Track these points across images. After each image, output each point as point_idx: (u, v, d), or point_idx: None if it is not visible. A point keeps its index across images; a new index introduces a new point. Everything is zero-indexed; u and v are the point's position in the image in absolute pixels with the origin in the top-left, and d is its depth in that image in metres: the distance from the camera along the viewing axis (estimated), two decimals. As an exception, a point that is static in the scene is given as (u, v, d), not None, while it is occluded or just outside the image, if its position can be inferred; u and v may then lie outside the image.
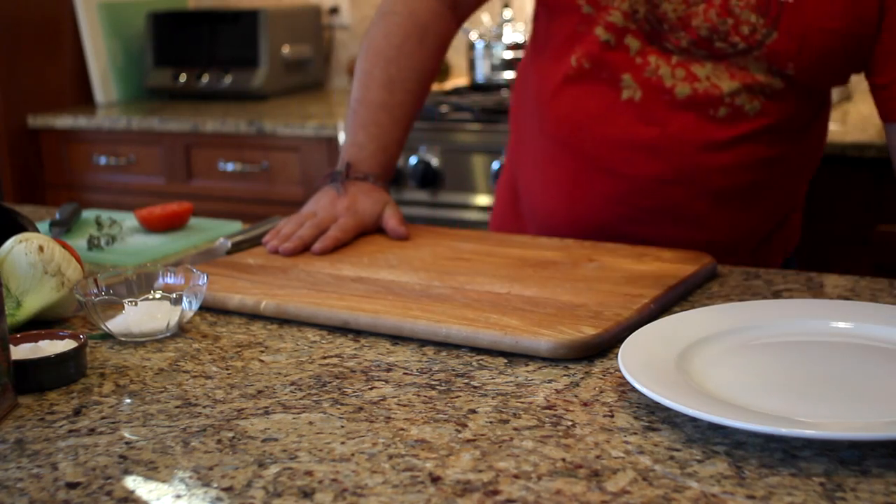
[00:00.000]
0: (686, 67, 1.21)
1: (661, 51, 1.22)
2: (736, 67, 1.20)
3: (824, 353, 0.84)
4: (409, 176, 2.40)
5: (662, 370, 0.79)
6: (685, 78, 1.21)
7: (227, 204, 2.63)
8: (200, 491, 0.67)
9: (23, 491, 0.67)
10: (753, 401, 0.74)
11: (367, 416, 0.77)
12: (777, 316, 0.91)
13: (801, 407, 0.73)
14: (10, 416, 0.79)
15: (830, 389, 0.77)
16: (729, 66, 1.20)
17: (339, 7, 3.20)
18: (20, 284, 0.97)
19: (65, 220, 1.35)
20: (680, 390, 0.75)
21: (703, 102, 1.21)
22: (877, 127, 2.09)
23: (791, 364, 0.83)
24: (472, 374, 0.85)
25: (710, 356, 0.83)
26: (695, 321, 0.89)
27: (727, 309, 0.93)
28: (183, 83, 3.02)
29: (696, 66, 1.21)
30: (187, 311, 0.97)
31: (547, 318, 0.92)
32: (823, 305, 0.95)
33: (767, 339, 0.87)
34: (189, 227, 1.38)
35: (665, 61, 1.22)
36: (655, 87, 1.22)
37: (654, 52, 1.22)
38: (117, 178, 2.84)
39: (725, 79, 1.20)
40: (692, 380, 0.78)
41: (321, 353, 0.91)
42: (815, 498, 0.63)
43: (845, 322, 0.89)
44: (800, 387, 0.78)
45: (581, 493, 0.65)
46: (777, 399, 0.75)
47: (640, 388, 0.75)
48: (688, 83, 1.21)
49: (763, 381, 0.80)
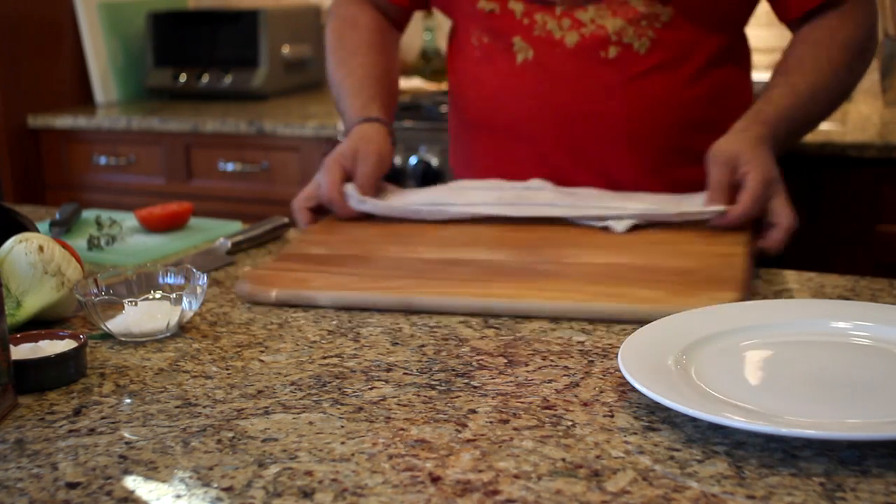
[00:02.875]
0: (570, 16, 1.25)
1: (545, 6, 1.25)
2: (617, 3, 1.23)
3: (824, 354, 0.84)
4: (409, 176, 2.40)
5: (662, 370, 0.79)
6: (571, 26, 1.24)
7: (227, 204, 2.62)
8: (200, 491, 0.67)
9: (23, 491, 0.67)
10: (753, 401, 0.74)
11: (367, 416, 0.77)
12: (777, 316, 0.91)
13: (801, 407, 0.73)
14: (10, 416, 0.79)
15: (830, 389, 0.77)
16: (609, 3, 1.23)
17: (339, 7, 3.20)
18: (20, 284, 0.97)
19: (65, 220, 1.35)
20: (680, 390, 0.75)
21: (591, 46, 1.24)
22: (877, 127, 2.09)
23: (791, 364, 0.83)
24: (472, 374, 0.85)
25: (710, 356, 0.83)
26: (694, 321, 0.89)
27: (727, 309, 0.92)
28: (183, 83, 3.02)
29: (580, 12, 1.25)
30: (187, 311, 0.97)
31: (681, 287, 0.95)
32: (823, 305, 0.95)
33: (767, 339, 0.87)
34: (189, 227, 1.38)
35: (550, 15, 1.25)
36: (546, 42, 1.25)
37: (538, 9, 1.26)
38: (117, 178, 2.83)
39: (608, 17, 1.23)
40: (692, 380, 0.78)
41: (321, 353, 0.91)
42: (815, 498, 0.63)
43: (845, 322, 0.88)
44: (800, 387, 0.78)
45: (581, 493, 0.65)
46: (777, 399, 0.75)
47: (640, 387, 0.75)
48: (575, 30, 1.24)
49: (763, 382, 0.81)
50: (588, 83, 1.25)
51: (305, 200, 1.28)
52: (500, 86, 1.30)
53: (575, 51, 1.24)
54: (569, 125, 1.28)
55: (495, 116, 1.33)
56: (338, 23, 1.45)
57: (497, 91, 1.31)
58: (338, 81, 1.39)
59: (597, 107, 1.26)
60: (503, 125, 1.32)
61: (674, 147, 1.30)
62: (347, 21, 1.44)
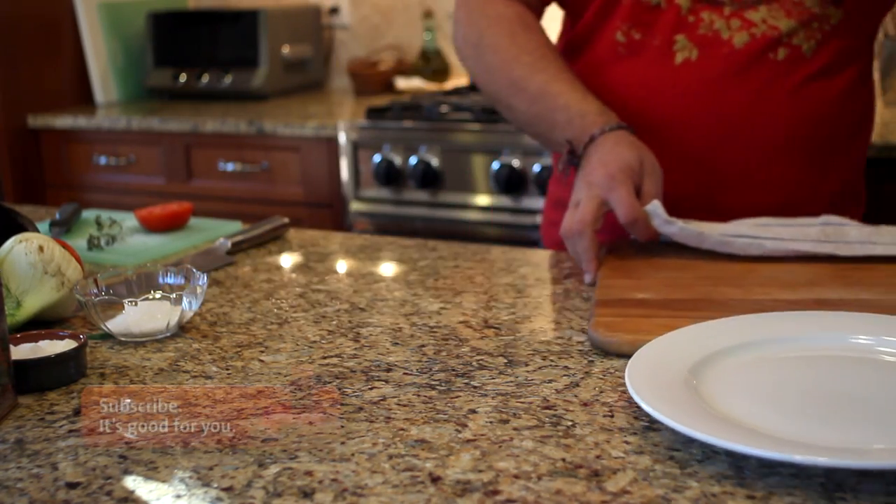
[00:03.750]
0: (740, 16, 1.19)
1: (712, 5, 1.20)
2: (791, 4, 1.19)
3: (842, 370, 0.79)
4: (408, 176, 2.40)
5: (671, 388, 0.75)
6: (741, 27, 1.19)
7: (227, 204, 2.62)
8: (200, 491, 0.67)
9: (23, 491, 0.67)
10: (765, 421, 0.70)
11: (367, 416, 0.77)
12: (792, 329, 0.85)
13: (815, 429, 0.69)
14: (10, 416, 0.79)
15: (848, 410, 0.73)
16: (783, 3, 1.19)
17: (339, 7, 3.20)
18: (20, 284, 0.97)
19: (65, 220, 1.35)
20: (689, 410, 0.71)
21: (762, 48, 1.19)
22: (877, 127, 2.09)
23: (806, 382, 0.78)
24: (472, 374, 0.85)
25: (722, 372, 0.79)
26: (704, 335, 0.84)
27: (739, 322, 0.87)
28: (183, 83, 3.02)
29: (751, 13, 1.19)
30: (187, 311, 0.97)
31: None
32: (842, 318, 0.88)
33: (782, 353, 0.82)
34: (189, 227, 1.38)
35: (718, 14, 1.20)
36: (713, 41, 1.20)
37: (704, 7, 1.20)
38: (117, 178, 2.84)
39: (782, 17, 1.19)
40: (702, 398, 0.74)
41: (321, 353, 0.91)
42: (815, 498, 0.63)
43: (866, 336, 0.83)
44: (815, 407, 0.73)
45: (581, 493, 0.64)
46: (791, 420, 0.71)
47: (647, 408, 0.71)
48: (745, 30, 1.19)
49: (776, 400, 0.75)
50: (754, 86, 1.19)
51: (593, 223, 1.05)
52: (654, 85, 1.21)
53: (744, 51, 1.19)
54: (726, 128, 1.20)
55: (641, 118, 1.19)
56: (489, 21, 1.26)
57: (649, 91, 1.21)
58: (538, 87, 1.19)
59: (760, 111, 1.19)
60: (651, 127, 1.19)
61: (825, 157, 1.24)
62: (506, 19, 1.25)
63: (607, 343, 0.88)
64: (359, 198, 2.49)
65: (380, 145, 2.43)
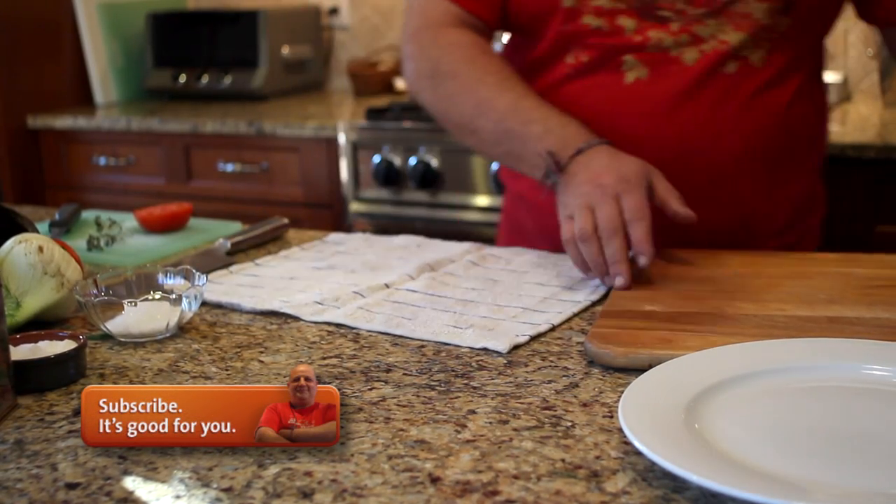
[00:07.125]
0: (689, 31, 1.17)
1: (659, 22, 1.18)
2: (739, 16, 1.17)
3: (854, 404, 0.73)
4: (408, 176, 2.40)
5: (668, 424, 0.69)
6: (690, 43, 1.18)
7: (226, 204, 2.63)
8: (200, 491, 0.67)
9: (23, 491, 0.67)
10: (767, 460, 0.65)
11: (367, 417, 0.77)
12: (802, 358, 0.79)
13: (820, 470, 0.64)
14: (9, 416, 0.79)
15: (858, 449, 0.67)
16: (731, 16, 1.17)
17: (339, 7, 3.20)
18: (20, 285, 0.97)
19: (64, 221, 1.35)
20: (687, 449, 0.66)
21: (713, 64, 1.17)
22: (876, 127, 2.09)
23: (814, 417, 0.72)
24: (471, 374, 0.85)
25: (724, 405, 0.73)
26: (704, 365, 0.78)
27: (745, 349, 0.81)
28: (183, 84, 3.02)
29: (699, 27, 1.17)
30: (187, 312, 0.97)
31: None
32: (856, 346, 0.81)
33: (790, 385, 0.76)
34: (189, 227, 1.38)
35: (665, 31, 1.18)
36: (662, 60, 1.18)
37: (652, 26, 1.18)
38: (117, 178, 2.84)
39: (731, 31, 1.17)
40: (701, 434, 0.69)
41: (321, 353, 0.91)
42: (815, 498, 0.63)
43: (881, 367, 0.76)
44: (822, 445, 0.68)
45: (581, 494, 0.65)
46: (794, 460, 0.65)
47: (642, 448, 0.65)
48: (694, 46, 1.17)
49: (779, 438, 0.69)
50: (707, 102, 1.19)
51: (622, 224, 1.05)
52: (607, 106, 1.20)
53: (695, 68, 1.18)
54: (683, 145, 1.19)
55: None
56: (443, 50, 1.25)
57: (602, 112, 1.20)
58: (508, 103, 1.18)
59: (715, 126, 1.19)
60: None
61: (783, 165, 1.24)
62: (461, 46, 1.25)
63: (599, 355, 0.86)
64: (358, 198, 2.49)
65: (379, 146, 2.43)
